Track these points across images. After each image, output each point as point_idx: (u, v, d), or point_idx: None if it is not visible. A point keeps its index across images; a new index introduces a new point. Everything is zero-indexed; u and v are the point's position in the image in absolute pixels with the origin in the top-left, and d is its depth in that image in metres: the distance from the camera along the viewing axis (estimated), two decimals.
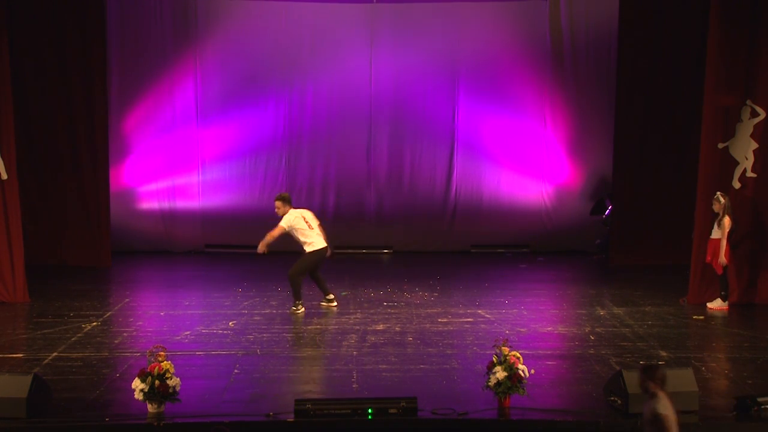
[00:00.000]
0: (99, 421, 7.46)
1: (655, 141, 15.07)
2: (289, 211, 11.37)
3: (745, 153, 11.96)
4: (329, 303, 11.71)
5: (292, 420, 7.43)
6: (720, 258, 11.55)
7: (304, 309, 11.38)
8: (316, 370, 9.18)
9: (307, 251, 11.36)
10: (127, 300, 12.34)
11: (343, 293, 12.53)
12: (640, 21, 14.96)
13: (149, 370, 7.52)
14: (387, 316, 11.30)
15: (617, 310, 11.72)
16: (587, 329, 10.68)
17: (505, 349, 7.80)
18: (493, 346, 8.01)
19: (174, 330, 10.52)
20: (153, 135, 16.30)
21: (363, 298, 12.42)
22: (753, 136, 11.92)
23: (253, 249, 14.14)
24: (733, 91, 11.90)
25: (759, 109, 11.89)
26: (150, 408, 7.53)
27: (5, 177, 11.89)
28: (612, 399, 7.81)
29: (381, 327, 10.71)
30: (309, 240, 11.36)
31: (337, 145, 16.58)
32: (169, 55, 16.15)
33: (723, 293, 11.78)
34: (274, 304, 11.95)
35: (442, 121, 16.64)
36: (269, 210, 11.62)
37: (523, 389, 7.67)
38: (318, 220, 11.61)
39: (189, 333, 10.36)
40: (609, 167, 15.80)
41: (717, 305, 11.78)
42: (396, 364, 9.18)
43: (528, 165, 16.72)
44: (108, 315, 11.34)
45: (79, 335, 10.24)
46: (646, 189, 15.13)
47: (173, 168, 16.39)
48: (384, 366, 9.09)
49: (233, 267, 14.90)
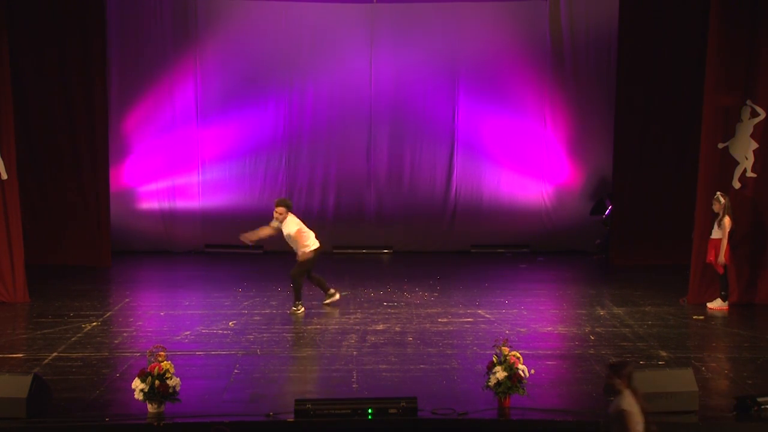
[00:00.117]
0: (99, 421, 7.47)
1: (655, 141, 15.05)
2: (291, 216, 11.39)
3: (745, 153, 11.95)
4: (332, 297, 11.71)
5: (292, 420, 7.43)
6: (720, 258, 11.55)
7: (304, 309, 11.39)
8: (316, 370, 9.18)
9: (307, 251, 11.36)
10: (127, 300, 12.34)
11: (343, 293, 12.52)
12: (640, 21, 14.94)
13: (149, 370, 7.52)
14: (387, 316, 11.30)
15: (617, 310, 11.72)
16: (587, 329, 10.68)
17: (505, 349, 7.81)
18: (493, 346, 8.02)
19: (174, 330, 10.52)
20: (153, 135, 16.29)
21: (363, 298, 12.42)
22: (753, 136, 11.91)
23: (254, 249, 14.20)
24: (733, 91, 11.89)
25: (759, 109, 11.88)
26: (150, 408, 7.54)
27: (5, 177, 11.89)
28: (612, 399, 7.79)
29: (381, 327, 10.71)
30: (309, 242, 11.39)
31: (337, 145, 16.57)
32: (169, 55, 16.14)
33: (723, 293, 11.78)
34: (274, 304, 11.95)
35: (442, 121, 16.63)
36: (269, 210, 11.61)
37: (523, 389, 7.67)
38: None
39: (189, 333, 10.36)
40: (609, 167, 15.78)
41: (717, 305, 11.77)
42: (396, 364, 9.18)
43: (528, 165, 16.71)
44: (108, 315, 11.35)
45: (79, 335, 10.24)
46: (646, 189, 15.12)
47: (173, 168, 16.38)
48: (384, 366, 9.10)
49: (233, 267, 14.89)
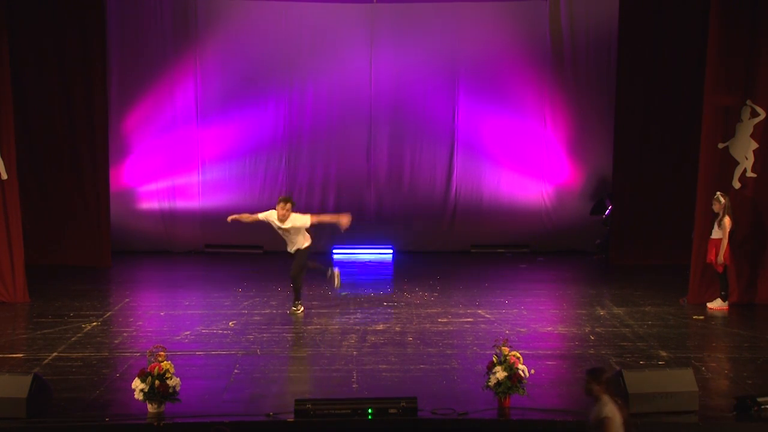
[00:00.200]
0: (99, 421, 7.47)
1: (655, 141, 15.06)
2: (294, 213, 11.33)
3: (745, 153, 11.95)
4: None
5: (292, 420, 7.44)
6: (719, 258, 11.55)
7: (303, 308, 11.38)
8: (316, 370, 9.17)
9: (302, 248, 11.31)
10: (127, 300, 12.34)
11: (343, 293, 12.53)
12: (640, 21, 14.94)
13: (149, 370, 7.52)
14: (387, 316, 11.31)
15: (617, 310, 11.72)
16: (587, 329, 10.68)
17: (505, 349, 7.81)
18: (493, 346, 8.02)
19: (174, 330, 10.52)
20: (153, 135, 16.28)
21: (363, 298, 12.42)
22: (753, 136, 11.91)
23: (254, 249, 14.20)
24: (733, 91, 11.89)
25: (759, 109, 11.88)
26: (150, 408, 7.54)
27: (5, 177, 11.89)
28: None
29: (381, 327, 10.71)
30: (306, 237, 11.36)
31: (337, 145, 16.56)
32: (169, 55, 16.13)
33: (723, 293, 11.78)
34: (274, 304, 11.95)
35: (442, 121, 16.62)
36: (269, 210, 11.55)
37: (523, 389, 7.68)
38: None
39: (189, 333, 10.36)
40: (609, 167, 15.78)
41: (717, 305, 11.77)
42: (396, 364, 9.18)
43: (528, 165, 16.70)
44: (108, 315, 11.34)
45: (79, 335, 10.25)
46: (646, 189, 15.11)
47: (173, 168, 16.37)
48: (384, 366, 9.10)
49: (233, 267, 14.89)
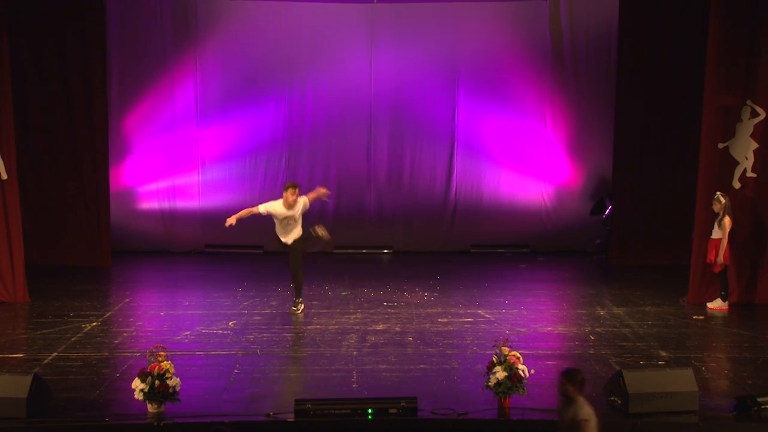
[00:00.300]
0: (99, 421, 7.47)
1: (655, 141, 15.06)
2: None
3: (745, 153, 11.95)
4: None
5: (292, 420, 7.43)
6: (719, 258, 11.55)
7: (303, 307, 11.38)
8: (316, 370, 9.16)
9: (298, 237, 11.23)
10: (127, 300, 12.34)
11: (343, 293, 12.54)
12: (640, 21, 14.94)
13: (149, 370, 7.52)
14: (387, 316, 11.30)
15: (617, 310, 11.72)
16: (587, 329, 10.68)
17: (505, 349, 7.81)
18: (493, 346, 8.03)
19: (174, 330, 10.52)
20: (153, 135, 16.28)
21: (363, 298, 12.41)
22: (753, 136, 11.91)
23: (254, 249, 14.18)
24: (733, 91, 11.89)
25: (759, 109, 11.88)
26: (150, 408, 7.54)
27: (5, 177, 11.88)
28: (612, 399, 7.81)
29: (381, 327, 10.71)
30: (300, 226, 11.29)
31: (337, 145, 16.56)
32: (169, 55, 16.13)
33: (723, 293, 11.78)
34: (274, 304, 11.95)
35: (442, 121, 16.62)
36: (269, 202, 11.50)
37: (523, 389, 7.68)
38: None
39: (189, 333, 10.36)
40: (609, 167, 15.79)
41: (717, 305, 11.77)
42: (396, 364, 9.18)
43: (528, 165, 16.70)
44: (108, 315, 11.34)
45: (79, 335, 10.24)
46: (646, 189, 15.12)
47: (173, 168, 16.37)
48: (384, 366, 9.10)
49: (233, 267, 14.89)
